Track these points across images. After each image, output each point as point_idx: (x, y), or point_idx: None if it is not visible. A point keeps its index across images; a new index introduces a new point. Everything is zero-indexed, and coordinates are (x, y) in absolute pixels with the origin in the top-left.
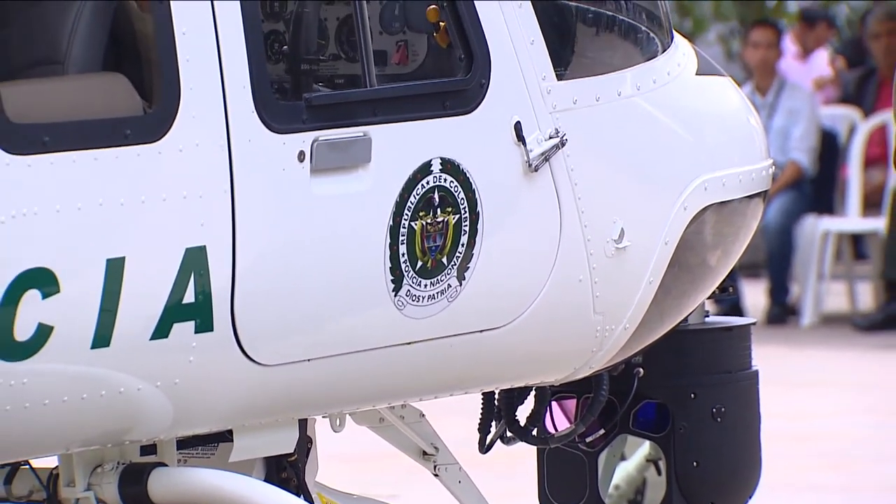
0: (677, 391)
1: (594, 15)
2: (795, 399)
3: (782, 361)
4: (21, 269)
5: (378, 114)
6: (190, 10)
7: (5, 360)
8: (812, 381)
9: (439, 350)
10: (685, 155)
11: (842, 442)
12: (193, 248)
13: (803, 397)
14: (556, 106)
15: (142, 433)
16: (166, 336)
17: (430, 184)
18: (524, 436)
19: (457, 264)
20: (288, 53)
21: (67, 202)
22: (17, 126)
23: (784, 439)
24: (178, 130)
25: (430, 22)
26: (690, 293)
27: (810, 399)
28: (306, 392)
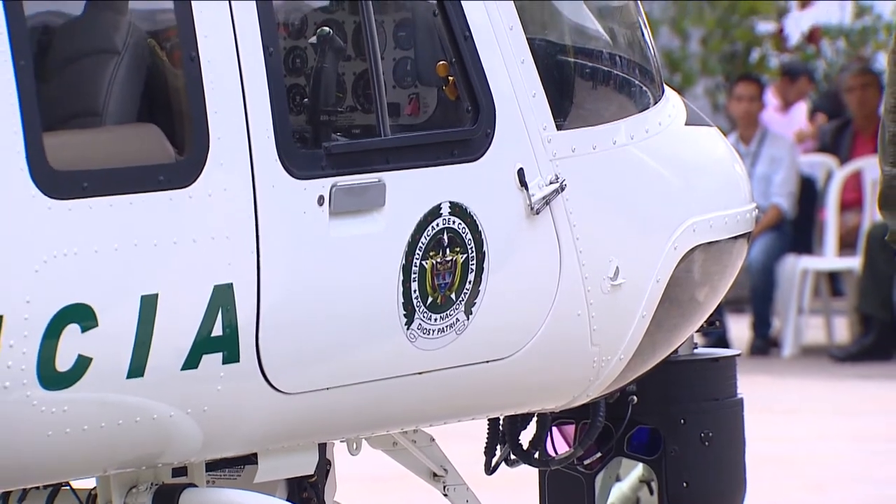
0: (668, 417)
1: (591, 70)
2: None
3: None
4: (62, 304)
5: (391, 161)
6: (218, 65)
7: (47, 389)
8: (792, 407)
9: (448, 379)
10: (675, 199)
11: (821, 464)
12: (221, 285)
13: (784, 423)
14: (555, 154)
15: (173, 456)
16: (196, 367)
17: (439, 226)
18: (527, 458)
19: (464, 300)
20: (308, 105)
21: (105, 243)
22: (59, 173)
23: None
24: (207, 177)
25: (439, 76)
26: (680, 327)
27: (791, 424)
28: (325, 418)
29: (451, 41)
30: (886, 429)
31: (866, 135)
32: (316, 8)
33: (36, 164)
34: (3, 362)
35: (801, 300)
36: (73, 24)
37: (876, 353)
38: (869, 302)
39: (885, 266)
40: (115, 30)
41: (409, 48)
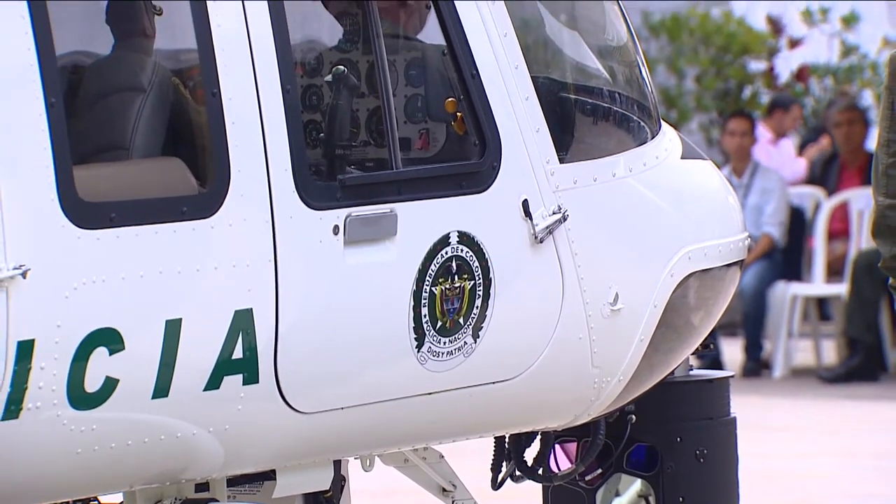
0: (665, 435)
1: (592, 106)
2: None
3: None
4: (91, 329)
5: (403, 192)
6: (238, 102)
7: (77, 409)
8: (783, 426)
9: (457, 399)
10: (672, 228)
11: (809, 480)
12: (241, 310)
13: (775, 441)
14: (558, 186)
15: (196, 472)
16: (218, 387)
17: (448, 254)
18: (531, 474)
19: (472, 324)
20: (324, 140)
21: (131, 271)
22: (88, 204)
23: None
24: (229, 208)
25: (448, 112)
26: (676, 349)
27: (781, 442)
28: (340, 436)
29: (459, 79)
30: (872, 447)
31: (852, 168)
32: (331, 48)
33: (66, 195)
34: (35, 384)
35: (790, 324)
36: (102, 63)
37: (862, 374)
38: (855, 326)
39: (870, 292)
40: (141, 69)
41: (420, 86)
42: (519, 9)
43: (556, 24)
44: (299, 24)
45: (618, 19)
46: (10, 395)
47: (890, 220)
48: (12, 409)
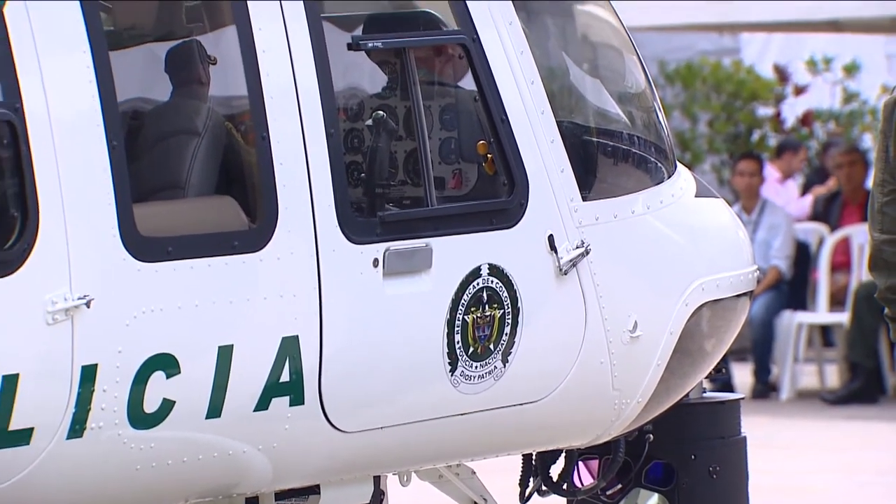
0: (681, 453)
1: (612, 148)
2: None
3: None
4: (149, 354)
5: (437, 228)
6: (286, 145)
7: (136, 429)
8: (789, 444)
9: (487, 420)
10: (686, 261)
11: (814, 494)
12: (288, 337)
13: (782, 458)
14: (581, 222)
15: (246, 487)
16: (267, 408)
17: (479, 285)
18: (556, 489)
19: (501, 350)
20: (365, 179)
21: (186, 300)
22: (147, 238)
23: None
24: (277, 242)
25: (479, 154)
26: (691, 373)
27: (788, 459)
28: (380, 454)
29: (489, 124)
30: (872, 463)
31: (853, 205)
32: (372, 94)
33: (126, 231)
34: (97, 405)
35: (796, 350)
36: (161, 108)
37: (862, 396)
38: (856, 352)
39: (870, 320)
40: (196, 114)
41: (453, 129)
42: (545, 58)
43: (579, 72)
44: (342, 72)
45: (636, 68)
46: (74, 416)
47: (886, 255)
48: (77, 429)
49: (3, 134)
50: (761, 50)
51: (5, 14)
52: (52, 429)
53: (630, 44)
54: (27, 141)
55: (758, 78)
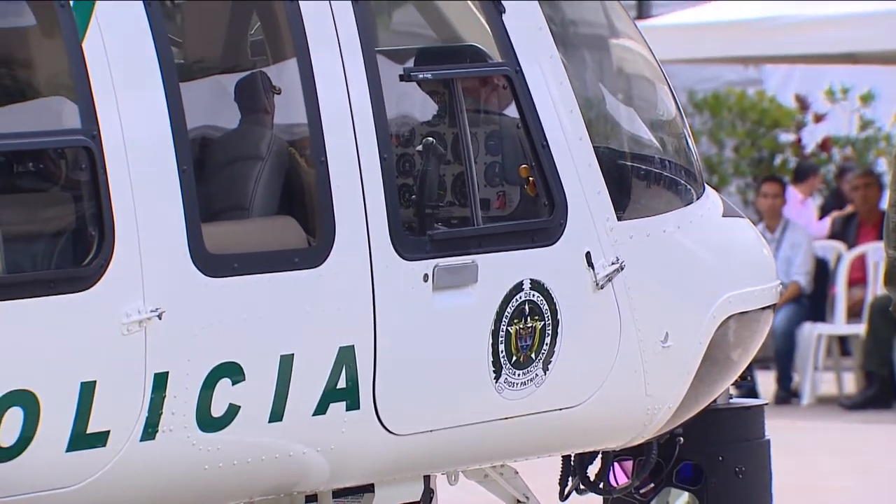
0: (709, 455)
1: (645, 171)
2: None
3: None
4: (216, 362)
5: (483, 246)
6: (342, 168)
7: (204, 432)
8: (809, 447)
9: (529, 423)
10: (714, 277)
11: (833, 494)
12: (345, 346)
13: (803, 460)
14: (616, 240)
15: (306, 486)
16: (325, 413)
17: (521, 298)
18: (593, 488)
19: (542, 359)
20: (415, 201)
21: (251, 313)
22: (214, 255)
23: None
24: (334, 259)
25: (522, 177)
26: (718, 381)
27: (808, 461)
28: (429, 455)
29: (531, 149)
30: (887, 465)
31: (869, 225)
32: (422, 122)
33: (195, 248)
34: (168, 410)
35: (816, 359)
36: (227, 135)
37: (878, 402)
38: (872, 361)
39: (884, 331)
40: (260, 140)
41: (498, 154)
42: (583, 88)
43: (614, 101)
44: (395, 101)
45: (667, 97)
46: (147, 420)
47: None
48: (149, 432)
49: (81, 159)
50: (783, 81)
51: (84, 48)
52: (126, 432)
53: (661, 75)
54: (104, 165)
55: (780, 107)
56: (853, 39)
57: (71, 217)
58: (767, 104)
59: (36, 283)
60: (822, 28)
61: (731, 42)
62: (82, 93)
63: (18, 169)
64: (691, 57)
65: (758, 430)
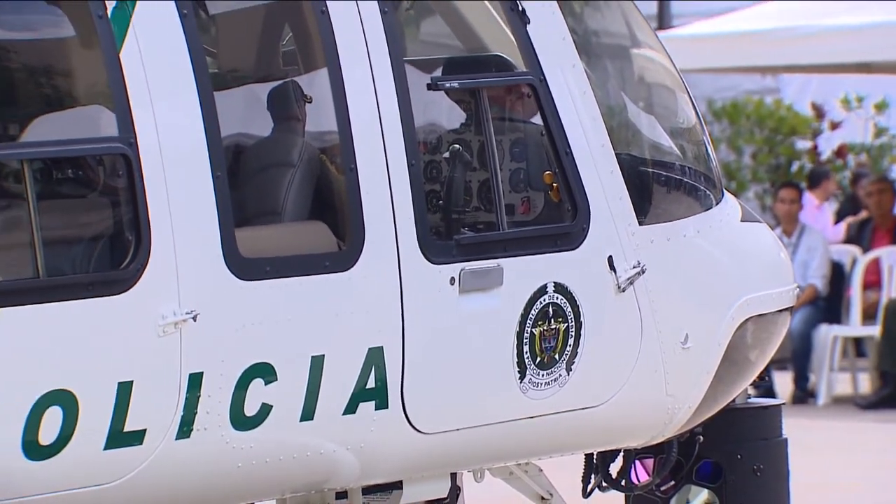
0: (727, 453)
1: (666, 178)
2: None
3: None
4: (249, 363)
5: (508, 250)
6: (371, 175)
7: (238, 430)
8: (825, 445)
9: (553, 422)
10: (733, 280)
11: (848, 490)
12: (374, 347)
13: (819, 457)
14: (638, 245)
15: (336, 483)
16: (354, 412)
17: (545, 301)
18: (615, 485)
19: (566, 360)
20: (442, 206)
21: (283, 315)
22: (247, 259)
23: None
24: (364, 262)
25: (546, 183)
26: (737, 381)
27: (824, 458)
28: (456, 453)
29: (555, 156)
30: None
31: (883, 230)
32: (449, 130)
33: (229, 252)
34: (203, 409)
35: (832, 360)
36: (260, 143)
37: (892, 402)
38: (886, 361)
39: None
40: (292, 147)
41: (522, 161)
42: (605, 97)
43: (636, 109)
44: (422, 110)
45: (687, 105)
46: (182, 419)
47: None
48: (185, 430)
49: (118, 166)
50: (800, 89)
51: (121, 58)
52: (162, 430)
53: (682, 84)
54: (140, 172)
55: (797, 115)
56: (868, 50)
57: (109, 222)
58: (784, 112)
59: (75, 287)
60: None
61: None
62: (120, 102)
63: (58, 175)
64: (711, 66)
65: (775, 429)
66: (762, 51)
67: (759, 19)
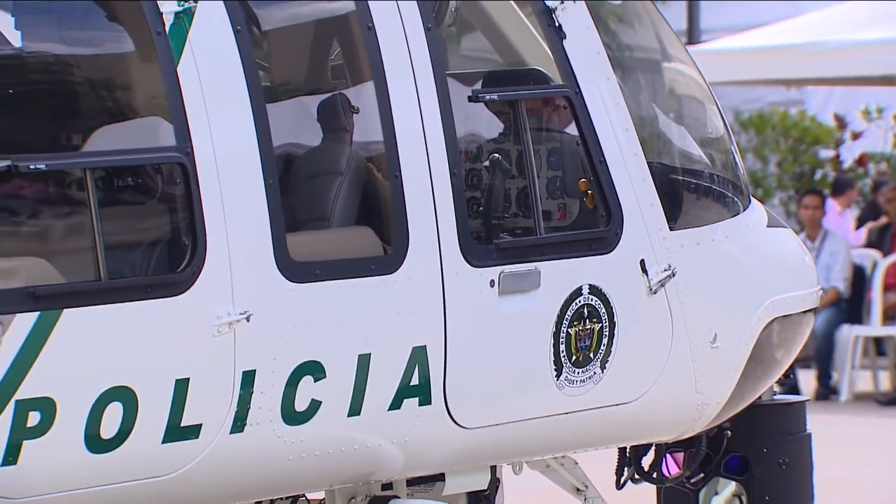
0: (754, 447)
1: (695, 185)
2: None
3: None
4: (300, 361)
5: (545, 254)
6: (415, 182)
7: (288, 425)
8: (847, 440)
9: (588, 418)
10: (759, 282)
11: (869, 483)
12: (418, 346)
13: (842, 451)
14: (668, 249)
15: (382, 475)
16: (399, 408)
17: (581, 302)
18: (647, 478)
19: (600, 358)
20: (482, 212)
21: (331, 316)
22: (298, 263)
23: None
24: (408, 266)
25: (581, 190)
26: (763, 379)
27: (847, 453)
28: (496, 447)
29: (590, 164)
30: None
31: None
32: (489, 139)
33: (280, 256)
34: (256, 405)
35: (853, 358)
36: (310, 152)
37: None
38: None
39: None
40: (341, 156)
41: (559, 169)
42: (637, 108)
43: (666, 120)
44: (464, 120)
45: (716, 116)
46: (236, 414)
47: None
48: (238, 425)
49: (176, 174)
50: (823, 101)
51: (179, 72)
52: (217, 425)
53: (710, 96)
54: (196, 180)
55: (820, 125)
56: (888, 63)
57: (166, 227)
58: (808, 123)
59: (135, 289)
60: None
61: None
62: (177, 113)
63: (119, 183)
64: (738, 79)
65: (800, 425)
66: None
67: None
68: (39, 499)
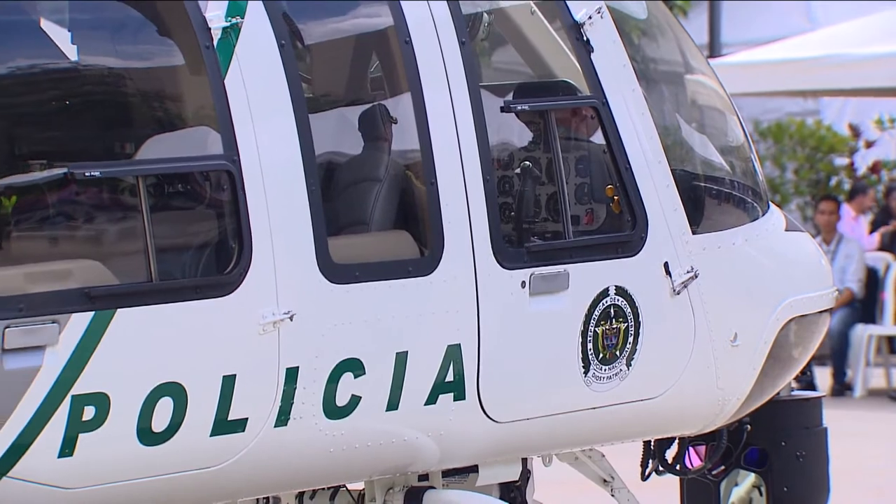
0: (773, 441)
1: (717, 191)
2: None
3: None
4: (340, 358)
5: (573, 256)
6: (450, 188)
7: (330, 419)
8: (862, 434)
9: (614, 413)
10: (777, 284)
11: (882, 476)
12: (452, 344)
13: (856, 446)
14: (691, 252)
15: (419, 467)
16: (435, 403)
17: (608, 303)
18: (671, 469)
19: (626, 356)
20: (514, 217)
21: (371, 315)
22: (338, 265)
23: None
24: (443, 268)
25: (607, 196)
26: (781, 376)
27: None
28: (527, 440)
29: (616, 171)
30: None
31: None
32: (520, 148)
33: (322, 258)
34: (299, 400)
35: (867, 356)
36: (351, 159)
37: None
38: None
39: None
40: (380, 163)
41: (586, 176)
42: (661, 118)
43: (689, 129)
44: (496, 130)
45: (736, 126)
46: (280, 409)
47: None
48: (282, 419)
49: (223, 181)
50: (838, 111)
51: (226, 84)
52: (262, 419)
53: (731, 106)
54: (243, 186)
55: (835, 134)
56: None
57: (214, 231)
58: (824, 132)
59: (185, 289)
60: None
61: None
62: (224, 123)
63: (169, 190)
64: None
65: (816, 419)
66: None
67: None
68: (94, 489)
